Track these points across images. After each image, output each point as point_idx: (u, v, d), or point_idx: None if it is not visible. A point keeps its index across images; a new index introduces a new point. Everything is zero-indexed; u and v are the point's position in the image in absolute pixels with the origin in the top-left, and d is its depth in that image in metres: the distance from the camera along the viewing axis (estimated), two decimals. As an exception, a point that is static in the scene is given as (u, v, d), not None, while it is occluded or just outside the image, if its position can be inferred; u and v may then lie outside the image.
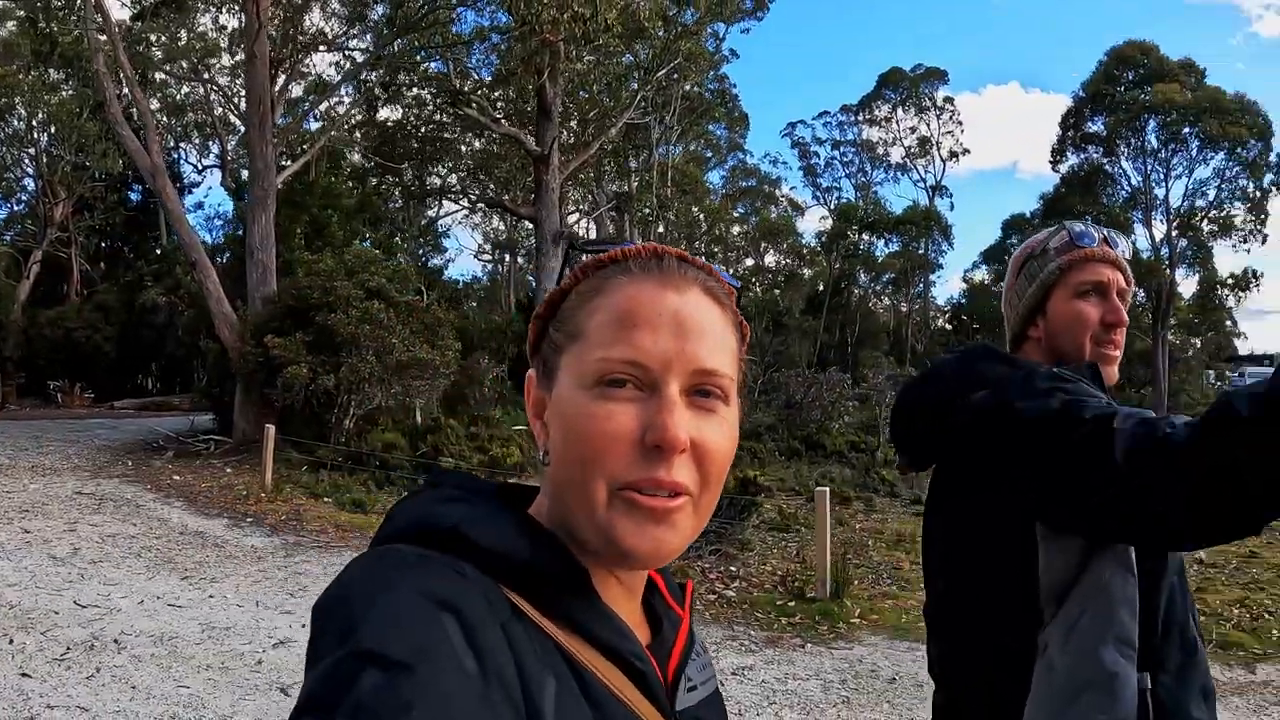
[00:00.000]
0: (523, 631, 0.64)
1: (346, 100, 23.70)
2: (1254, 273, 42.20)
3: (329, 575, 7.41)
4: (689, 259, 0.76)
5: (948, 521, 1.55)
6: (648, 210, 31.66)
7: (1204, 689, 1.40)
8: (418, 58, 20.32)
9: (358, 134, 24.80)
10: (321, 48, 21.31)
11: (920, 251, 49.26)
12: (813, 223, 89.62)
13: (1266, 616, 7.06)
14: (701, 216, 39.31)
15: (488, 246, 48.69)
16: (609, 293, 0.73)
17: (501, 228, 44.25)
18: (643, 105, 25.38)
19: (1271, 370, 1.03)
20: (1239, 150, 40.39)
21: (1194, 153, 41.59)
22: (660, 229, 34.71)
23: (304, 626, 5.95)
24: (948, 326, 50.86)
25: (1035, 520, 1.35)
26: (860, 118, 54.25)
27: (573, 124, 24.32)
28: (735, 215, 47.32)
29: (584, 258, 0.78)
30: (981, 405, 1.39)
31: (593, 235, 40.52)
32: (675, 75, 25.13)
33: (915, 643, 6.16)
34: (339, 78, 22.36)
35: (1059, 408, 1.27)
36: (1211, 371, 46.30)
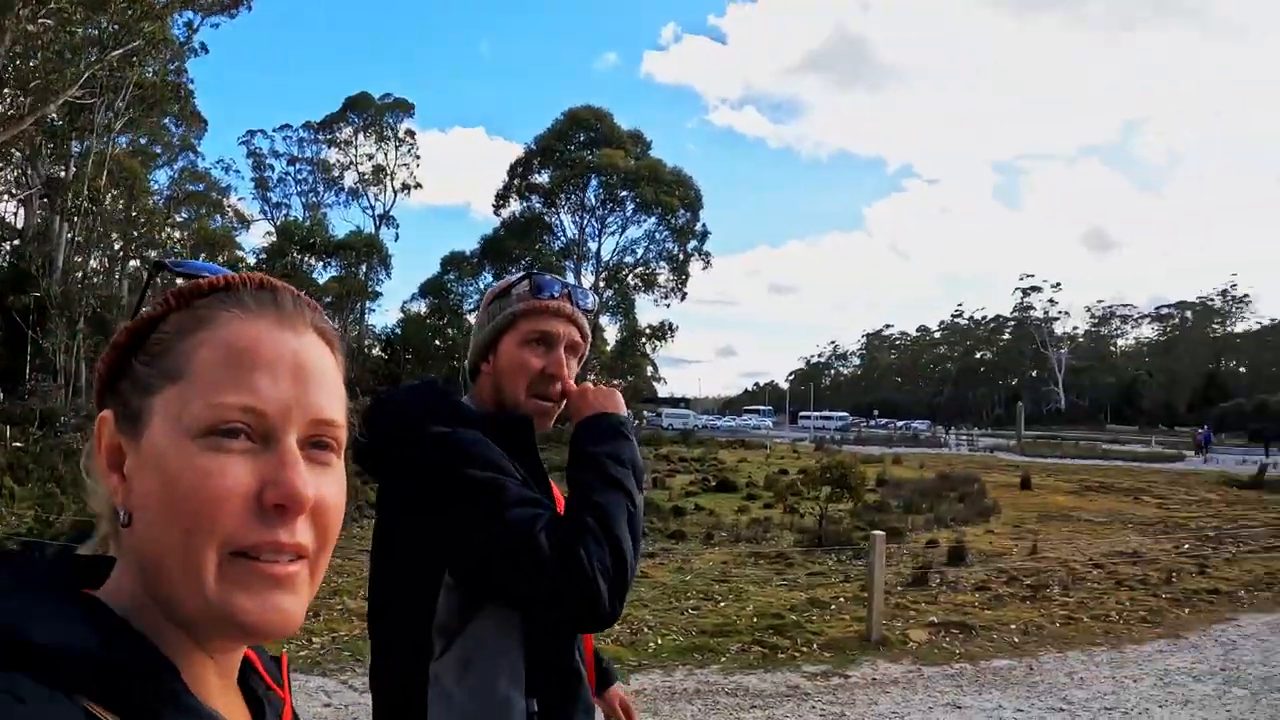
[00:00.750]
0: None
1: None
2: (671, 325, 50.39)
3: None
4: (302, 297, 0.70)
5: (379, 542, 1.59)
6: (81, 201, 28.39)
7: (586, 706, 1.62)
8: None
9: None
10: None
11: (360, 278, 50.62)
12: (256, 237, 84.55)
13: (645, 631, 7.55)
14: (139, 216, 36.07)
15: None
16: (216, 327, 0.65)
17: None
18: (92, 84, 22.96)
19: (685, 411, 1.40)
20: (670, 217, 47.55)
21: (629, 214, 48.24)
22: (93, 222, 31.24)
23: None
24: (383, 356, 52.00)
25: (448, 569, 1.46)
26: (321, 137, 54.32)
27: (9, 90, 21.12)
28: (178, 220, 44.16)
29: (178, 282, 0.69)
30: (416, 454, 1.46)
31: (20, 222, 34.67)
32: (134, 58, 23.21)
33: (297, 673, 6.29)
34: None
35: (491, 489, 1.39)
36: (631, 411, 53.00)
